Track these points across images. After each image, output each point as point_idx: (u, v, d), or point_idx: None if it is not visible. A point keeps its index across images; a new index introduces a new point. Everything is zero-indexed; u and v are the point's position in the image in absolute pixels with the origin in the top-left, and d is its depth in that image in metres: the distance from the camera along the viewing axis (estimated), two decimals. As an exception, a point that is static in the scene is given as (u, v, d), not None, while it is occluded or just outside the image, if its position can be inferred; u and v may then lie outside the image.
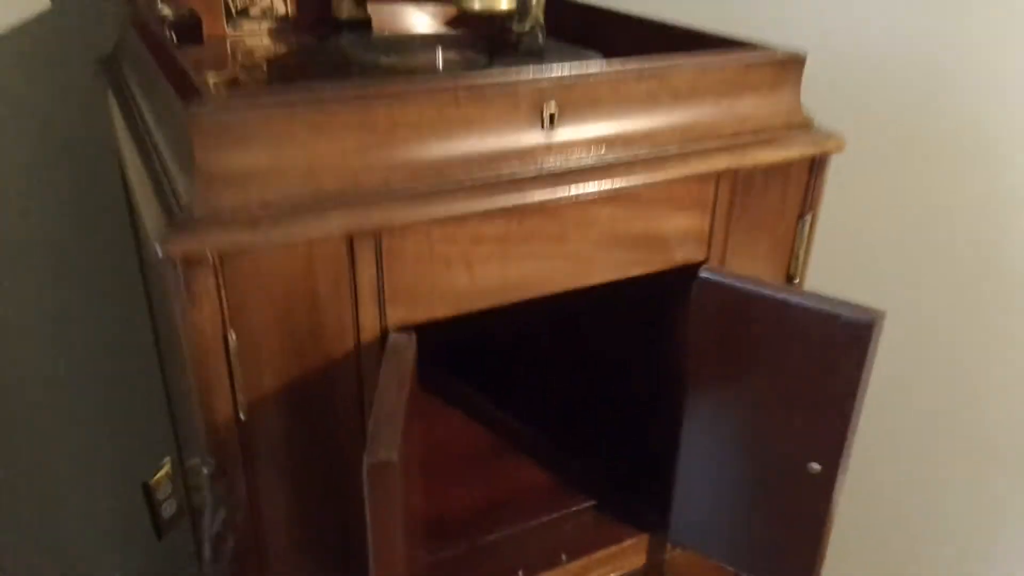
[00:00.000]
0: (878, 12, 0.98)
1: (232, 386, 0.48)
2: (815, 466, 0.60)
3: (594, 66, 0.55)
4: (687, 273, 0.61)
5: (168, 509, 1.24)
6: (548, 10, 0.75)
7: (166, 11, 0.77)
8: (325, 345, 0.50)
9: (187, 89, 0.46)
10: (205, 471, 0.50)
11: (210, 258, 0.44)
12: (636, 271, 0.59)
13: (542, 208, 0.53)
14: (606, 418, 0.80)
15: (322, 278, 0.48)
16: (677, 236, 0.60)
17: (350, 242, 0.48)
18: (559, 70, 0.53)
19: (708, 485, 0.67)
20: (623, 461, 0.76)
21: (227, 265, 0.45)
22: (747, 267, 0.64)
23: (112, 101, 0.76)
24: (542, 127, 0.52)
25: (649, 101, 0.56)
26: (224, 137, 0.44)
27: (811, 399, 0.58)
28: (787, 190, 0.62)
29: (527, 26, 0.74)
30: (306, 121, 0.46)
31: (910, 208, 1.06)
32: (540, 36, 0.74)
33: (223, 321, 0.46)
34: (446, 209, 0.49)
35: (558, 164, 0.53)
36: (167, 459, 1.22)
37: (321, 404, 0.51)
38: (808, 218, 0.64)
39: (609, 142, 0.55)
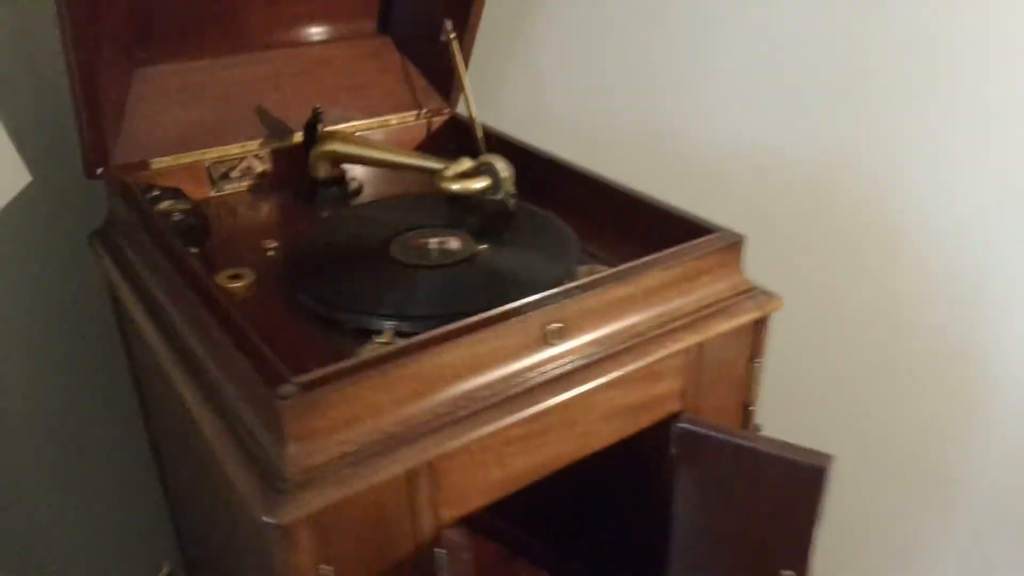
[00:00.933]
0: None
1: (322, 600, 0.57)
2: (787, 573, 0.73)
3: (583, 282, 0.66)
4: (667, 422, 0.73)
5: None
6: (515, 160, 0.84)
7: (166, 205, 0.83)
8: (391, 549, 0.60)
9: (267, 369, 0.54)
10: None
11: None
12: (629, 432, 0.71)
13: (555, 407, 0.64)
14: (604, 525, 0.92)
15: (388, 502, 0.58)
16: (659, 399, 0.71)
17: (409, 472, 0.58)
18: (558, 293, 0.64)
19: (696, 584, 0.79)
20: (621, 564, 0.88)
21: (319, 513, 0.54)
22: (714, 403, 0.76)
23: (113, 270, 0.82)
24: (548, 343, 0.63)
25: (628, 301, 0.67)
26: (309, 413, 0.53)
27: (779, 524, 0.71)
28: (740, 343, 0.75)
29: (499, 196, 0.84)
30: (370, 384, 0.55)
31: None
32: (510, 204, 0.84)
33: (315, 556, 0.55)
34: (482, 429, 0.59)
35: (564, 367, 0.64)
36: (165, 566, 1.29)
37: (390, 598, 0.61)
38: (758, 360, 0.77)
39: (600, 341, 0.66)
